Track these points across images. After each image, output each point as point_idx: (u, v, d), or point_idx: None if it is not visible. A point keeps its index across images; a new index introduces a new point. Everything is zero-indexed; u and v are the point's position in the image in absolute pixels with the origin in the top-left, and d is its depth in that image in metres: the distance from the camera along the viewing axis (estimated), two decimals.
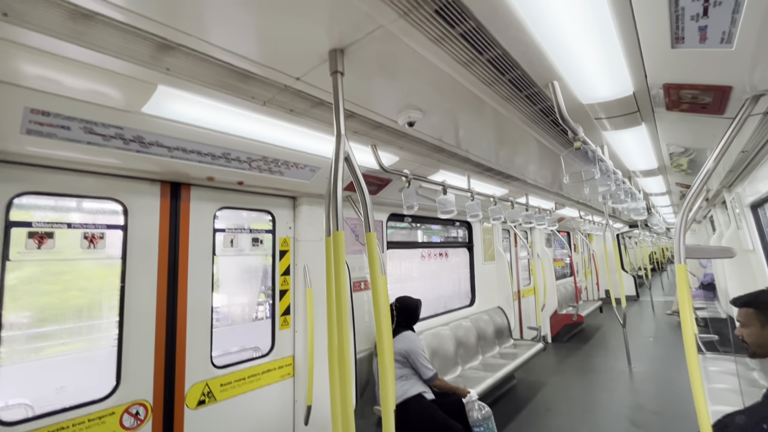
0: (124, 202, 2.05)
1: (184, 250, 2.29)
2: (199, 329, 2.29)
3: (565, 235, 8.79)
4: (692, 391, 1.25)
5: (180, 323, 2.21)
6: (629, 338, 5.08)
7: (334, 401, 1.12)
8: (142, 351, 2.06)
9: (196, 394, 2.24)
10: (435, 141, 2.37)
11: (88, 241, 1.98)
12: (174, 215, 2.26)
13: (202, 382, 2.27)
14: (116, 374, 2.00)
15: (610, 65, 1.42)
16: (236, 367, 2.45)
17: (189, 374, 2.22)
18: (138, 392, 2.03)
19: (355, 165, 1.25)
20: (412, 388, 2.81)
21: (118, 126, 1.59)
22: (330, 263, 1.16)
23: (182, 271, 2.26)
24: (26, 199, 1.81)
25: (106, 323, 2.10)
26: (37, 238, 1.83)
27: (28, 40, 1.10)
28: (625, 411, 3.66)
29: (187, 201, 2.32)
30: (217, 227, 2.47)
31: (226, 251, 2.56)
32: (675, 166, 3.02)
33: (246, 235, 2.67)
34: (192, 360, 2.23)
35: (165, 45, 1.18)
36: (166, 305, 2.16)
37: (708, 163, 1.43)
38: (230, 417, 2.37)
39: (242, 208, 2.62)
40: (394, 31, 1.16)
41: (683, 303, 1.34)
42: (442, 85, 1.57)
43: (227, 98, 1.55)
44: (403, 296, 3.23)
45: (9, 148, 1.57)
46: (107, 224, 2.04)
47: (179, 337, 2.21)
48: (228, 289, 2.95)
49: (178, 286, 2.24)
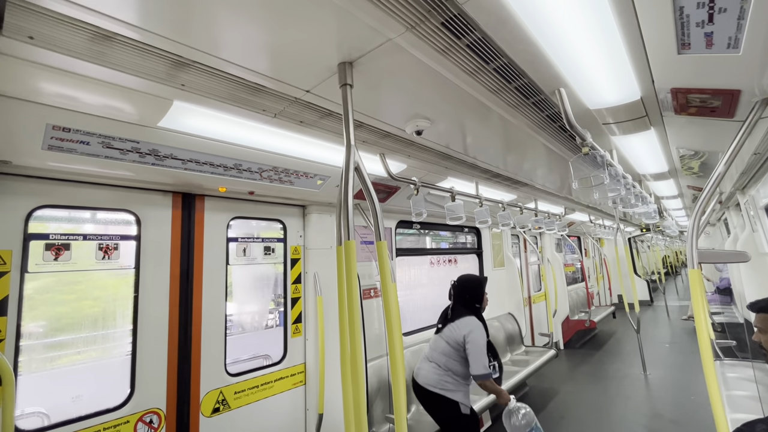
0: (137, 213, 2.11)
1: (198, 260, 2.33)
2: (214, 337, 2.33)
3: (575, 239, 8.70)
4: (710, 398, 1.23)
5: (195, 331, 2.25)
6: (644, 344, 4.99)
7: (347, 409, 1.13)
8: (155, 359, 2.09)
9: (211, 402, 2.27)
10: (443, 148, 2.38)
11: (102, 252, 2.02)
12: (188, 225, 2.31)
13: (216, 389, 2.30)
14: (130, 383, 2.03)
15: (616, 71, 1.43)
16: (249, 375, 2.48)
17: (204, 382, 2.25)
18: (152, 400, 2.06)
19: (365, 174, 1.27)
20: (450, 388, 2.43)
21: (134, 140, 1.64)
22: (342, 272, 1.18)
23: (197, 280, 2.30)
24: (42, 211, 1.86)
25: (120, 332, 2.14)
26: (54, 250, 1.88)
27: (52, 61, 1.15)
28: (641, 419, 3.58)
29: (201, 211, 2.37)
30: (230, 236, 2.52)
31: (238, 260, 2.60)
32: (686, 169, 2.99)
33: (258, 244, 2.70)
34: (206, 368, 2.26)
35: (180, 62, 1.22)
36: (179, 314, 2.18)
37: (719, 166, 1.42)
38: (244, 425, 2.38)
39: (254, 218, 2.66)
40: (402, 43, 1.19)
41: (698, 308, 1.33)
42: (449, 94, 1.60)
43: (239, 111, 1.59)
44: (464, 275, 2.77)
45: (31, 164, 1.63)
46: (121, 235, 2.08)
47: (194, 346, 2.23)
48: (239, 298, 2.97)
49: (193, 294, 2.28)
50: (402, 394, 1.18)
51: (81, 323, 2.13)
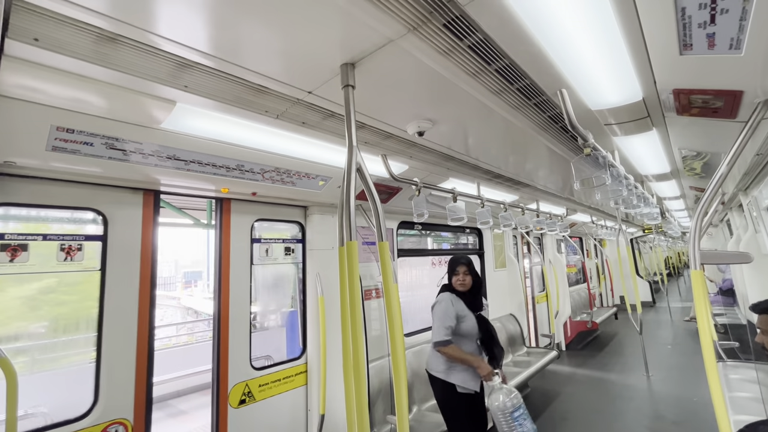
0: (103, 211, 2.00)
1: (226, 260, 2.47)
2: (240, 333, 2.44)
3: (577, 240, 8.68)
4: (712, 400, 1.23)
5: (223, 328, 2.38)
6: (646, 345, 4.98)
7: (349, 409, 1.13)
8: (122, 366, 1.97)
9: (238, 394, 2.40)
10: (444, 149, 2.39)
11: (65, 253, 1.91)
12: (219, 228, 2.47)
13: (242, 382, 2.42)
14: (94, 391, 1.90)
15: (618, 72, 1.43)
16: (272, 369, 2.62)
17: (231, 375, 2.37)
18: (117, 410, 1.94)
19: (367, 175, 1.27)
20: (443, 368, 2.42)
21: (137, 141, 1.65)
22: (344, 272, 1.18)
23: (224, 279, 2.44)
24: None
25: (84, 338, 2.01)
26: (9, 251, 1.77)
27: (57, 62, 1.16)
28: (643, 421, 3.57)
29: (228, 213, 2.50)
30: (253, 237, 2.65)
31: (261, 260, 2.73)
32: (688, 169, 2.99)
33: (279, 244, 2.85)
34: (234, 362, 2.37)
35: (183, 64, 1.23)
36: (149, 318, 2.08)
37: (722, 167, 1.42)
38: (268, 416, 2.52)
39: (276, 220, 2.80)
40: (404, 45, 1.20)
41: (700, 309, 1.33)
42: (451, 95, 1.60)
43: (242, 112, 1.59)
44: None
45: (34, 165, 1.64)
46: (85, 235, 1.96)
47: (222, 341, 2.37)
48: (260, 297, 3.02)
49: (221, 293, 2.42)
50: (404, 395, 1.18)
51: (38, 329, 2.02)
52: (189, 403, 5.85)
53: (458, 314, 2.43)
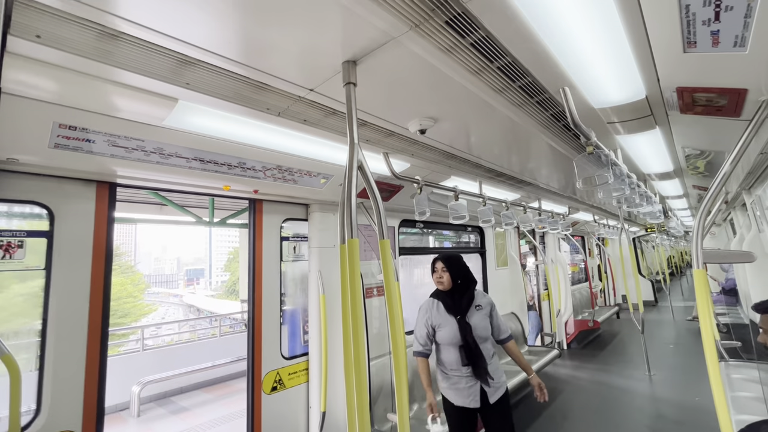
0: (49, 205, 1.85)
1: (259, 258, 2.63)
2: (271, 325, 2.63)
3: (579, 239, 8.66)
4: (714, 399, 1.23)
5: (257, 320, 2.57)
6: (648, 345, 4.97)
7: (350, 407, 1.13)
8: (69, 374, 1.81)
9: (270, 381, 2.59)
10: (446, 147, 2.38)
11: (2, 251, 1.75)
12: (252, 227, 2.63)
13: (274, 371, 2.61)
14: (36, 400, 1.74)
15: (621, 70, 1.42)
16: (300, 359, 2.80)
17: (264, 364, 2.56)
18: (64, 421, 1.78)
19: (368, 173, 1.27)
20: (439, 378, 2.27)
21: (139, 138, 1.66)
22: (345, 270, 1.18)
23: (258, 275, 2.61)
24: None
25: (25, 343, 1.84)
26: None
27: (59, 59, 1.16)
28: (645, 420, 3.57)
29: (260, 214, 2.66)
30: (282, 236, 2.81)
31: (289, 257, 2.90)
32: (691, 168, 2.97)
33: (305, 242, 3.01)
34: (266, 351, 2.57)
35: (185, 61, 1.23)
36: (101, 321, 1.92)
37: (725, 166, 1.41)
38: (295, 402, 2.69)
39: (303, 219, 2.95)
40: (406, 42, 1.19)
41: (703, 308, 1.32)
42: (453, 93, 1.59)
43: (243, 110, 1.59)
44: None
45: (37, 162, 1.64)
46: (27, 231, 1.81)
47: (256, 332, 2.56)
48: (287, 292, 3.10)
49: (255, 287, 2.59)
50: (404, 393, 1.18)
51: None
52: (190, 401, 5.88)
53: (432, 323, 2.23)
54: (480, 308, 2.28)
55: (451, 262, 2.31)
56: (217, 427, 4.84)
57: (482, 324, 2.23)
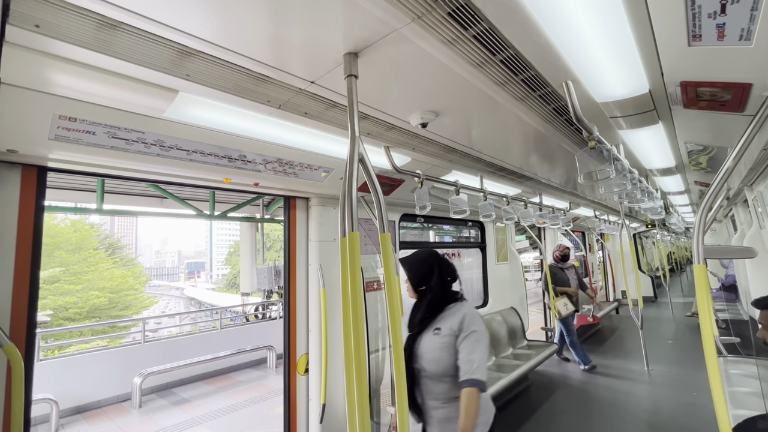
0: None
1: (293, 251, 2.83)
2: (301, 312, 2.85)
3: (579, 235, 8.66)
4: (712, 394, 1.23)
5: (291, 308, 2.80)
6: (647, 340, 4.98)
7: (350, 399, 1.14)
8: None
9: (303, 363, 2.80)
10: (448, 141, 2.37)
11: None
12: (287, 223, 2.83)
13: (305, 354, 2.81)
14: None
15: (625, 64, 1.41)
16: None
17: (299, 348, 2.78)
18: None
19: (369, 167, 1.27)
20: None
21: (140, 130, 1.65)
22: (345, 264, 1.18)
23: (292, 267, 2.82)
24: None
25: None
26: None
27: (58, 50, 1.15)
28: (642, 414, 3.59)
29: (294, 210, 2.84)
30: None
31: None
32: (694, 164, 2.96)
33: None
34: (299, 336, 2.77)
35: (185, 52, 1.22)
36: (27, 321, 1.70)
37: (728, 162, 1.40)
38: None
39: None
40: (408, 34, 1.18)
41: (702, 304, 1.32)
42: (455, 86, 1.58)
43: (244, 102, 1.58)
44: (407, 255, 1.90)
45: (37, 153, 1.64)
46: None
47: (291, 318, 2.78)
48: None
49: (291, 278, 2.79)
50: (403, 386, 1.19)
51: None
52: (191, 392, 5.92)
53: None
54: (438, 332, 1.67)
55: (409, 264, 1.80)
56: (219, 418, 4.89)
57: (432, 355, 1.65)
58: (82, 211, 4.83)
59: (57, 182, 4.36)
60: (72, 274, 17.23)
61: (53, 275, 16.45)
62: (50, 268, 16.50)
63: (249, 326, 8.16)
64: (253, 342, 7.33)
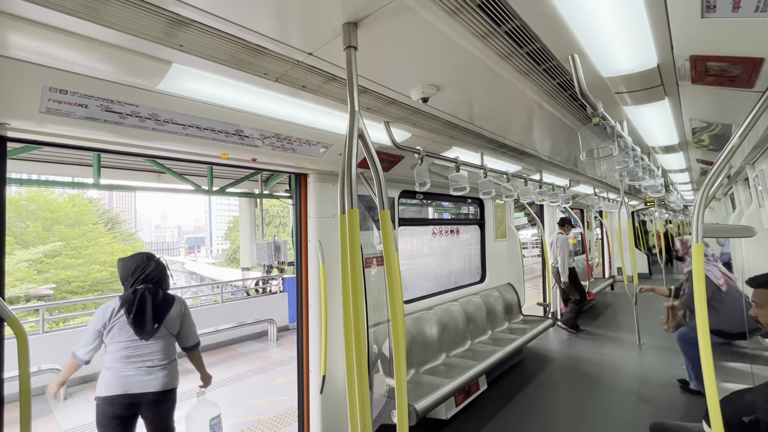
0: None
1: (305, 228, 2.86)
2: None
3: (578, 212, 8.68)
4: (702, 367, 1.27)
5: (304, 286, 2.88)
6: (640, 316, 5.09)
7: (350, 372, 1.17)
8: None
9: None
10: (449, 117, 2.33)
11: None
12: (298, 201, 2.87)
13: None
14: None
15: (634, 36, 1.36)
16: None
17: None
18: None
19: (369, 142, 1.24)
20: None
21: (134, 104, 1.61)
22: (345, 241, 1.18)
23: (304, 244, 2.86)
24: None
25: None
26: None
27: (45, 18, 1.10)
28: (632, 386, 3.71)
29: (305, 187, 2.86)
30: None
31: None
32: (696, 142, 2.93)
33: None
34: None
35: (178, 21, 1.17)
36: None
37: (733, 139, 1.38)
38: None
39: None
40: (409, 2, 1.13)
41: (698, 281, 1.34)
42: (458, 59, 1.53)
43: (240, 74, 1.54)
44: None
45: (29, 127, 1.60)
46: None
47: (304, 292, 2.87)
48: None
49: (302, 255, 2.86)
50: (402, 358, 1.22)
51: None
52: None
53: None
54: None
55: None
56: (223, 387, 5.04)
57: None
58: (78, 185, 4.78)
59: (53, 156, 4.30)
60: (72, 249, 17.31)
61: (54, 249, 16.53)
62: (50, 242, 16.56)
63: (250, 300, 8.29)
64: (254, 315, 7.46)
